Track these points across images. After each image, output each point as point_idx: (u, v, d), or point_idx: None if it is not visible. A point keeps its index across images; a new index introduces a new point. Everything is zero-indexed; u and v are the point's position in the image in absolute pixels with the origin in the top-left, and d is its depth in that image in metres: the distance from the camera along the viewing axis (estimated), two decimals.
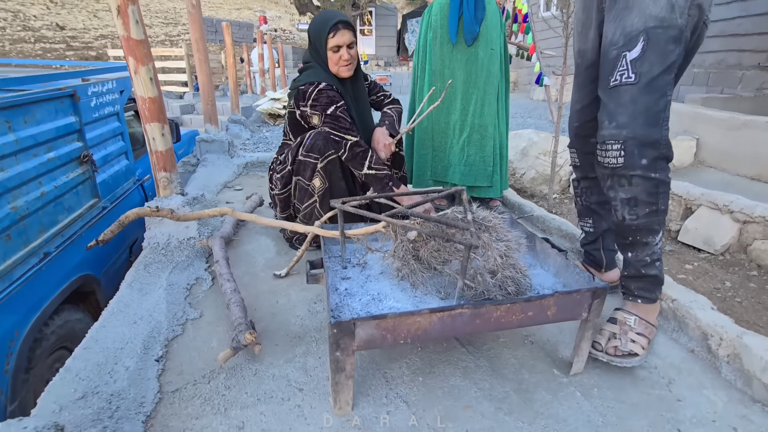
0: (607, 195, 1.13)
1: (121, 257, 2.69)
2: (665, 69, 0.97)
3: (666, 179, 1.05)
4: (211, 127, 3.26)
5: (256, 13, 20.20)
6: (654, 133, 1.00)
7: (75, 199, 2.22)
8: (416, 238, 1.13)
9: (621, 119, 1.02)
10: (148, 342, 1.19)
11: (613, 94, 1.04)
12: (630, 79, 1.00)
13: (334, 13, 1.61)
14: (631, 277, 1.19)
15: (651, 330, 1.16)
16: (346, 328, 0.88)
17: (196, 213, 1.27)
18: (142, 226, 3.11)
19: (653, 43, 0.96)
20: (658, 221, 1.08)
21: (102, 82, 2.69)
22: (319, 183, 1.64)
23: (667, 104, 1.01)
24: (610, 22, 1.07)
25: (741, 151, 3.34)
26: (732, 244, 2.05)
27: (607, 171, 1.08)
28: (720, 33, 5.71)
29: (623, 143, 1.02)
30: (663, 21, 0.95)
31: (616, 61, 1.03)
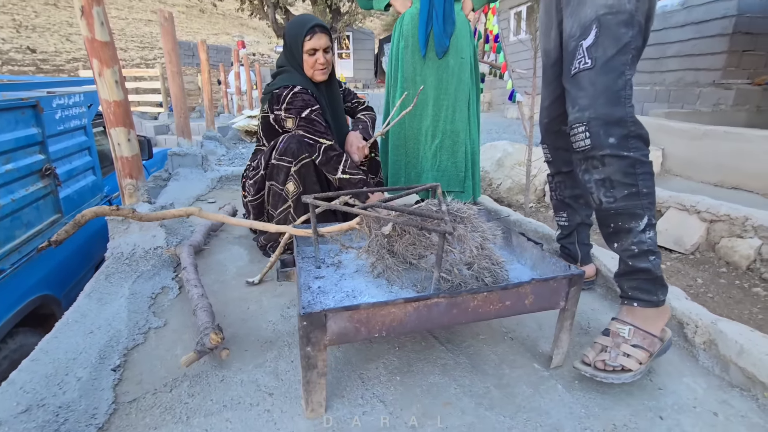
0: (583, 182, 1.10)
1: (85, 278, 2.55)
2: (619, 50, 1.00)
3: (642, 158, 1.01)
4: (184, 140, 3.20)
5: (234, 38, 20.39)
6: (617, 111, 1.00)
7: (35, 214, 2.11)
8: (391, 232, 1.10)
9: (582, 102, 1.04)
10: (104, 351, 1.10)
11: (574, 81, 1.07)
12: (587, 64, 1.02)
13: (311, 17, 1.61)
14: (622, 274, 1.10)
15: (653, 342, 1.02)
16: (316, 320, 0.83)
17: (160, 213, 1.21)
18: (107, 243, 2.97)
19: (605, 29, 1.00)
20: (640, 205, 1.02)
21: (68, 94, 2.61)
22: (293, 187, 1.60)
23: (627, 83, 1.01)
24: (567, 18, 1.11)
25: (703, 159, 3.50)
26: (701, 243, 2.10)
27: (579, 156, 1.07)
28: (677, 53, 6.07)
29: (587, 124, 1.02)
30: (612, 7, 0.99)
31: (575, 51, 1.05)
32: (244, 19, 22.17)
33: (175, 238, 1.77)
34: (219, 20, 24.65)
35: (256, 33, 24.35)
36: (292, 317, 1.33)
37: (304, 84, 1.62)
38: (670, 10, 6.07)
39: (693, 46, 5.83)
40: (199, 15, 24.08)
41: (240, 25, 25.10)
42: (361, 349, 1.16)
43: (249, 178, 1.74)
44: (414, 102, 1.79)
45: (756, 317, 1.60)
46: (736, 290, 1.79)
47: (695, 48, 5.80)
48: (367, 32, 15.68)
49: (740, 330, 1.06)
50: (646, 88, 6.39)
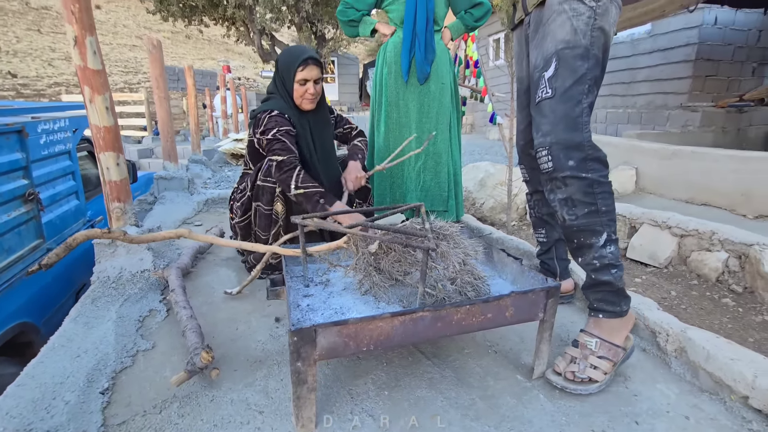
0: (549, 201, 1.18)
1: (65, 305, 2.50)
2: (576, 81, 1.09)
3: (601, 179, 1.10)
4: (170, 164, 3.21)
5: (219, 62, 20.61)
6: (575, 137, 1.09)
7: (16, 240, 2.09)
8: (377, 250, 1.15)
9: (545, 128, 1.13)
10: (92, 375, 1.10)
11: (538, 109, 1.16)
12: (548, 93, 1.12)
13: (305, 48, 1.67)
14: (588, 287, 1.18)
15: (617, 352, 1.10)
16: (306, 335, 0.86)
17: (151, 235, 1.23)
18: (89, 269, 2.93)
19: (563, 61, 1.10)
20: (600, 222, 1.10)
21: (54, 119, 2.62)
22: (281, 207, 1.64)
23: (584, 111, 1.10)
24: (533, 50, 1.21)
25: (674, 178, 3.67)
26: (673, 257, 2.20)
27: (544, 176, 1.16)
28: (647, 78, 6.41)
29: (549, 149, 1.11)
30: (569, 43, 1.09)
31: (539, 81, 1.15)
32: (229, 44, 22.48)
33: (162, 260, 1.78)
34: (204, 45, 24.92)
35: (242, 58, 24.66)
36: (281, 336, 1.35)
37: (285, 109, 1.67)
38: (638, 37, 6.43)
39: (661, 72, 6.17)
40: (184, 41, 24.33)
41: (225, 50, 25.41)
42: (349, 365, 1.18)
43: (236, 201, 1.77)
44: (422, 147, 1.87)
45: (726, 326, 1.68)
46: (707, 301, 1.87)
47: (663, 73, 6.14)
48: (351, 57, 16.07)
49: (707, 337, 1.13)
50: (619, 110, 6.69)
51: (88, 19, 1.53)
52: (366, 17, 2.14)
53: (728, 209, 3.15)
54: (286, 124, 1.63)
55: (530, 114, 1.35)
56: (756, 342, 1.58)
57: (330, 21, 10.46)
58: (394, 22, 2.11)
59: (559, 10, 1.10)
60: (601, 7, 1.08)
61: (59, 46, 18.83)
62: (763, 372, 0.99)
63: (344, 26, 2.18)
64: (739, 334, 1.63)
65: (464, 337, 1.32)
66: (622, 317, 1.13)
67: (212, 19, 10.17)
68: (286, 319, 1.44)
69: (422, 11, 1.99)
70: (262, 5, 8.84)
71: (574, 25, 1.08)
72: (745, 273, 1.89)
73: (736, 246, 1.92)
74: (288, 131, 1.62)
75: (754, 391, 0.97)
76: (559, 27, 1.10)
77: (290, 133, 1.63)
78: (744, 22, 5.90)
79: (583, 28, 1.08)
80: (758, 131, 5.62)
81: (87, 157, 3.32)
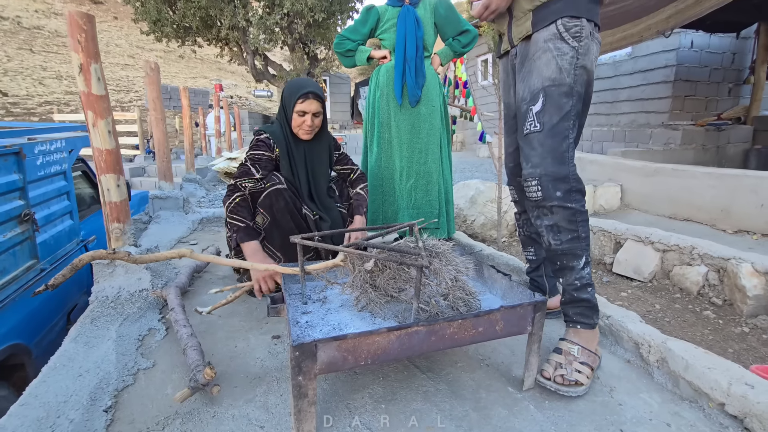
0: (535, 225, 1.28)
1: (57, 325, 2.49)
2: (562, 117, 1.19)
3: (581, 209, 1.21)
4: (165, 184, 3.25)
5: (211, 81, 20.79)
6: (562, 170, 1.19)
7: (10, 261, 2.10)
8: (373, 268, 1.20)
9: (534, 160, 1.22)
10: (95, 393, 1.13)
11: (526, 140, 1.25)
12: (536, 127, 1.21)
13: (309, 82, 1.73)
14: (567, 302, 1.28)
15: (594, 358, 1.22)
16: (307, 350, 0.91)
17: (153, 255, 1.27)
18: (81, 289, 2.92)
19: (550, 98, 1.19)
20: (580, 247, 1.21)
21: (50, 140, 2.66)
22: (261, 220, 1.69)
23: (570, 146, 1.21)
24: (519, 83, 1.30)
25: (657, 194, 3.80)
26: (657, 271, 2.28)
27: (532, 203, 1.26)
28: (629, 98, 6.65)
29: (539, 179, 1.21)
30: (555, 81, 1.18)
31: (526, 114, 1.24)
32: (222, 63, 22.74)
33: (160, 280, 1.80)
34: (197, 65, 25.16)
35: (234, 77, 24.91)
36: (280, 353, 1.38)
37: (278, 134, 1.74)
38: (619, 59, 6.70)
39: (642, 92, 6.41)
40: (177, 60, 24.55)
41: (218, 69, 25.65)
42: (346, 380, 1.22)
43: None
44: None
45: (707, 338, 1.75)
46: (689, 314, 1.95)
47: (644, 93, 6.38)
48: (343, 77, 16.35)
49: (686, 347, 1.19)
50: (603, 128, 6.91)
51: (94, 48, 1.60)
52: (361, 47, 2.24)
53: (709, 224, 3.27)
54: (261, 148, 1.71)
55: (518, 140, 1.43)
56: (735, 352, 1.65)
57: (322, 42, 10.70)
58: (387, 49, 2.22)
59: (544, 48, 1.19)
60: (583, 47, 1.17)
61: (51, 65, 18.88)
62: (737, 380, 1.05)
63: (342, 58, 2.28)
64: (720, 345, 1.70)
65: (457, 351, 1.37)
66: (594, 329, 1.26)
67: (206, 40, 10.32)
68: (285, 336, 1.47)
69: (412, 39, 2.10)
70: (256, 27, 9.03)
71: (559, 64, 1.17)
72: (724, 286, 1.97)
73: (714, 260, 2.01)
74: (258, 155, 1.70)
75: (729, 398, 1.03)
76: (545, 65, 1.19)
77: (259, 157, 1.70)
78: (718, 46, 6.19)
79: (567, 67, 1.17)
80: (736, 149, 5.84)
81: (81, 176, 3.34)
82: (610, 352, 1.37)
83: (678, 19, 3.52)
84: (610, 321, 1.41)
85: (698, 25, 5.26)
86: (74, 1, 29.54)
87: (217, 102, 7.30)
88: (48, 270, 2.35)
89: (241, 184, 1.67)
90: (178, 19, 9.51)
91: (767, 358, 1.60)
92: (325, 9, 9.11)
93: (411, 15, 2.11)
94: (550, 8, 1.18)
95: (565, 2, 1.17)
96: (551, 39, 1.18)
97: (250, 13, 9.13)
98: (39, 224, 2.38)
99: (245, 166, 1.69)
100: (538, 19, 1.20)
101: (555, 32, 1.17)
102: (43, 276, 2.28)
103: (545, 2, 1.19)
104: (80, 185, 3.30)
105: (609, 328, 1.41)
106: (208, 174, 5.73)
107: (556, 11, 1.17)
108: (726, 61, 6.35)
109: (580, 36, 1.17)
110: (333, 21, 10.12)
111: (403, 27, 2.11)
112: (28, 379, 1.96)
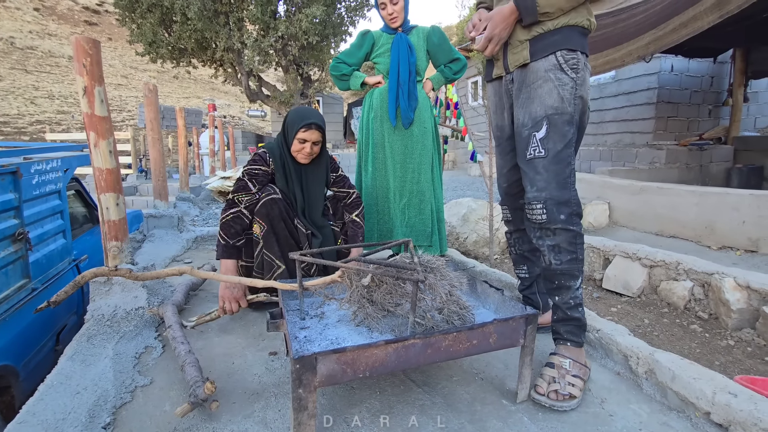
0: (537, 245, 1.34)
1: (45, 346, 2.45)
2: (565, 144, 1.26)
3: (581, 232, 1.28)
4: (160, 202, 3.27)
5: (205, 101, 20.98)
6: (565, 194, 1.26)
7: (3, 280, 2.08)
8: (370, 283, 1.23)
9: (540, 184, 1.28)
10: (93, 410, 1.13)
11: (530, 165, 1.31)
12: (541, 153, 1.28)
13: (314, 113, 1.78)
14: (559, 320, 1.32)
15: (585, 371, 1.26)
16: (308, 362, 0.93)
17: (155, 272, 1.30)
18: (71, 310, 2.87)
19: (553, 126, 1.26)
20: (577, 268, 1.28)
21: (47, 160, 2.68)
22: (258, 228, 1.72)
23: (572, 171, 1.28)
24: (518, 108, 1.36)
25: (644, 212, 3.90)
26: (645, 286, 2.34)
27: (535, 225, 1.31)
28: (614, 119, 6.87)
29: (544, 203, 1.27)
30: (558, 109, 1.25)
31: (528, 139, 1.30)
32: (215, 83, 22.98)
33: (156, 298, 1.81)
34: (190, 85, 25.41)
35: (228, 97, 25.16)
36: (277, 369, 1.39)
37: (275, 151, 1.80)
38: (604, 82, 6.94)
39: (626, 113, 6.63)
40: (170, 80, 24.77)
41: (211, 89, 25.92)
42: (344, 395, 1.24)
43: None
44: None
45: (694, 351, 1.79)
46: (677, 328, 2.00)
47: (629, 114, 6.60)
48: (336, 97, 16.63)
49: (672, 358, 1.23)
50: (591, 148, 7.09)
51: (98, 71, 1.65)
52: (356, 72, 2.33)
53: (694, 241, 3.36)
54: (258, 162, 1.78)
55: (513, 158, 1.48)
56: (721, 365, 1.69)
57: (316, 63, 10.92)
58: (380, 73, 2.31)
59: (545, 77, 1.26)
60: (580, 78, 1.26)
61: (43, 85, 18.93)
62: (722, 389, 1.09)
63: (337, 81, 2.36)
64: (707, 358, 1.75)
65: (452, 365, 1.40)
66: (581, 347, 1.31)
67: (201, 61, 10.48)
68: (282, 352, 1.49)
69: (405, 64, 2.19)
70: (251, 49, 9.21)
71: (560, 93, 1.25)
72: (709, 300, 2.03)
73: (699, 275, 2.07)
74: (254, 170, 1.77)
75: (714, 407, 1.07)
76: (547, 94, 1.26)
77: (255, 171, 1.77)
78: (697, 70, 6.46)
79: (568, 97, 1.25)
80: (718, 167, 6.03)
81: (74, 195, 3.34)
82: (601, 365, 1.41)
83: (657, 45, 3.70)
84: (600, 334, 1.45)
85: (677, 51, 5.49)
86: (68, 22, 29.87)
87: (212, 121, 7.38)
88: (40, 289, 2.34)
89: (238, 199, 1.73)
90: (174, 41, 9.67)
91: (752, 370, 1.64)
92: (319, 32, 9.34)
93: (404, 42, 2.21)
94: (548, 40, 1.26)
95: (562, 35, 1.25)
96: (552, 69, 1.25)
97: (245, 35, 9.33)
98: (32, 243, 2.38)
99: (242, 181, 1.75)
100: (537, 49, 1.27)
101: (555, 63, 1.25)
102: (35, 296, 2.26)
103: (542, 34, 1.26)
104: (73, 204, 3.30)
105: (599, 341, 1.45)
106: (202, 193, 5.75)
107: (553, 43, 1.25)
108: (705, 84, 6.62)
109: (577, 68, 1.25)
110: (327, 44, 10.37)
111: (396, 53, 2.21)
112: (14, 403, 1.93)
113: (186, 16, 8.79)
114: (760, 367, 1.66)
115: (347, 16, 10.48)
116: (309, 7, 8.90)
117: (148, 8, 9.11)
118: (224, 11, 9.14)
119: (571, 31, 1.25)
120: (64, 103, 17.65)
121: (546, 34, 1.26)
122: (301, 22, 8.84)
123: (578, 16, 1.26)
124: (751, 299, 1.86)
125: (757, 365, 1.67)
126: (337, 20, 10.20)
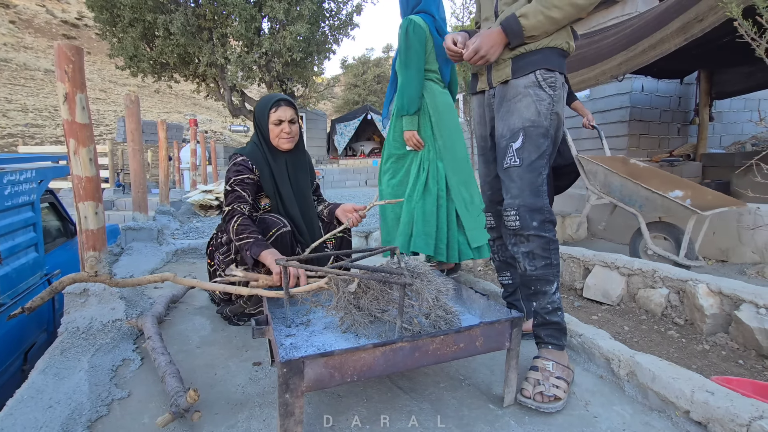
0: (512, 251, 1.37)
1: (12, 365, 2.33)
2: (539, 155, 1.32)
3: (554, 238, 1.32)
4: (140, 215, 3.20)
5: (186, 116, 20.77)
6: (538, 202, 1.31)
7: None
8: (356, 289, 1.23)
9: (513, 192, 1.33)
10: (67, 424, 1.08)
11: (506, 173, 1.36)
12: (516, 162, 1.33)
13: (277, 94, 1.79)
14: (539, 325, 1.36)
15: (568, 372, 1.28)
16: (295, 367, 0.92)
17: (136, 279, 1.26)
18: (41, 327, 2.75)
19: (529, 137, 1.31)
20: (552, 273, 1.32)
21: (20, 170, 2.60)
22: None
23: (544, 181, 1.33)
24: (498, 120, 1.42)
25: (620, 224, 4.02)
26: (623, 295, 2.40)
27: (510, 231, 1.35)
28: (590, 135, 7.11)
29: (517, 210, 1.31)
30: (534, 122, 1.31)
31: (506, 149, 1.36)
32: (197, 98, 22.84)
33: (135, 309, 1.76)
34: (171, 99, 25.18)
35: (209, 112, 24.99)
36: (261, 379, 1.36)
37: (255, 153, 1.74)
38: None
39: (602, 130, 6.87)
40: (151, 94, 24.50)
41: (193, 105, 25.73)
42: (330, 403, 1.22)
43: (220, 253, 1.77)
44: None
45: (673, 356, 1.84)
46: (655, 334, 2.05)
47: (604, 131, 6.84)
48: (319, 113, 16.72)
49: (652, 360, 1.26)
50: None
51: (80, 78, 1.63)
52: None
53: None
54: (244, 172, 1.70)
55: (496, 169, 1.52)
56: (698, 369, 1.74)
57: (299, 80, 11.01)
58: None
59: (524, 93, 1.33)
60: (557, 95, 1.32)
61: (16, 98, 18.46)
62: (699, 388, 1.12)
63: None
64: (684, 363, 1.79)
65: (439, 371, 1.39)
66: (563, 350, 1.33)
67: (183, 76, 10.44)
68: (266, 362, 1.46)
69: None
70: (234, 64, 9.23)
71: (537, 108, 1.31)
72: (684, 307, 2.10)
73: (674, 282, 2.14)
74: (244, 179, 1.69)
75: (693, 405, 1.10)
76: (525, 107, 1.32)
77: (245, 181, 1.69)
78: (666, 90, 6.79)
79: (545, 112, 1.31)
80: None
81: (48, 208, 3.24)
82: (584, 369, 1.43)
83: (628, 66, 3.89)
84: (582, 339, 1.48)
85: (647, 72, 5.77)
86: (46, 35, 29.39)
87: (194, 136, 7.31)
88: (8, 305, 2.24)
89: (239, 208, 1.64)
90: (156, 56, 9.62)
91: (727, 372, 1.69)
92: (303, 49, 9.45)
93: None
94: (529, 59, 1.33)
95: (542, 56, 1.32)
96: (530, 86, 1.32)
97: (229, 51, 9.36)
98: (2, 256, 2.29)
99: (236, 192, 1.66)
100: (518, 67, 1.34)
101: (534, 80, 1.31)
102: (3, 311, 2.16)
103: (524, 53, 1.33)
104: (47, 217, 3.20)
105: (582, 346, 1.48)
106: (182, 207, 5.65)
107: (534, 63, 1.32)
108: (673, 104, 6.95)
109: (555, 86, 1.32)
110: (310, 61, 10.49)
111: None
112: None
113: (169, 31, 8.78)
114: (734, 370, 1.71)
115: (331, 34, 10.66)
116: (293, 25, 9.01)
117: (129, 23, 9.07)
118: (208, 27, 9.17)
119: (551, 52, 1.33)
120: (38, 116, 17.21)
121: (527, 53, 1.33)
122: (285, 39, 8.94)
123: (558, 38, 1.33)
124: (723, 304, 1.93)
125: (731, 368, 1.72)
126: (321, 38, 10.36)
